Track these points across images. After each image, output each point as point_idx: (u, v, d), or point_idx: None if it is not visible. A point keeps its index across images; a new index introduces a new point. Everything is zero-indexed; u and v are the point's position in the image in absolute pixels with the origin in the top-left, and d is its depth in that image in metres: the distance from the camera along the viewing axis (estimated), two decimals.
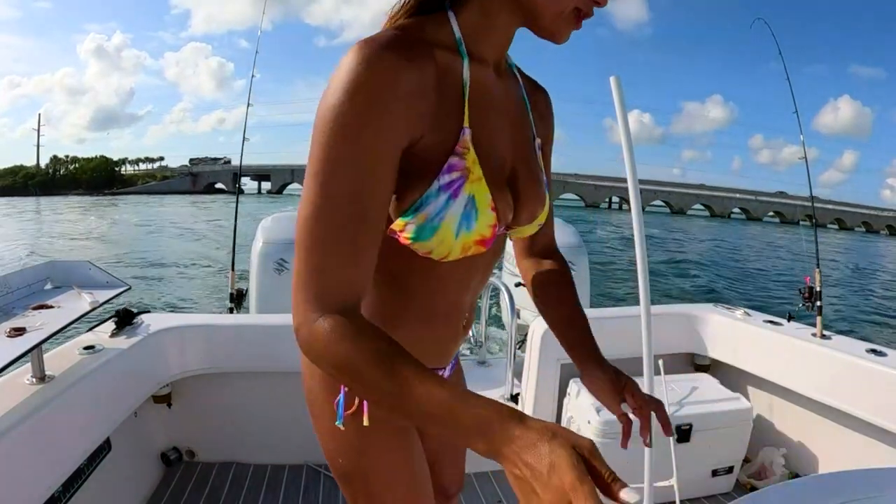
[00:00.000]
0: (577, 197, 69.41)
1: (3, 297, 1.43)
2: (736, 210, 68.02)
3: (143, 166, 77.12)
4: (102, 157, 74.04)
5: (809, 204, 2.61)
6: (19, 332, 1.24)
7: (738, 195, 70.08)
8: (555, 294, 0.89)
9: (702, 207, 69.49)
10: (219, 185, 66.00)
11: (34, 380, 1.34)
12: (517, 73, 0.74)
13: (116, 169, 72.85)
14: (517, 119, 0.69)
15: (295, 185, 73.87)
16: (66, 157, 71.57)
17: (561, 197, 66.48)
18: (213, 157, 77.89)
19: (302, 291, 0.52)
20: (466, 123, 0.57)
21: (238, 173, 2.69)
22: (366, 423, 0.71)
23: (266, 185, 75.44)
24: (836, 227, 59.09)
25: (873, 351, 1.79)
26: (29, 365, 1.35)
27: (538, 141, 0.74)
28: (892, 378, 1.64)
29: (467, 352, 3.07)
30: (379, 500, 0.75)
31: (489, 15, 0.60)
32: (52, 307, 1.44)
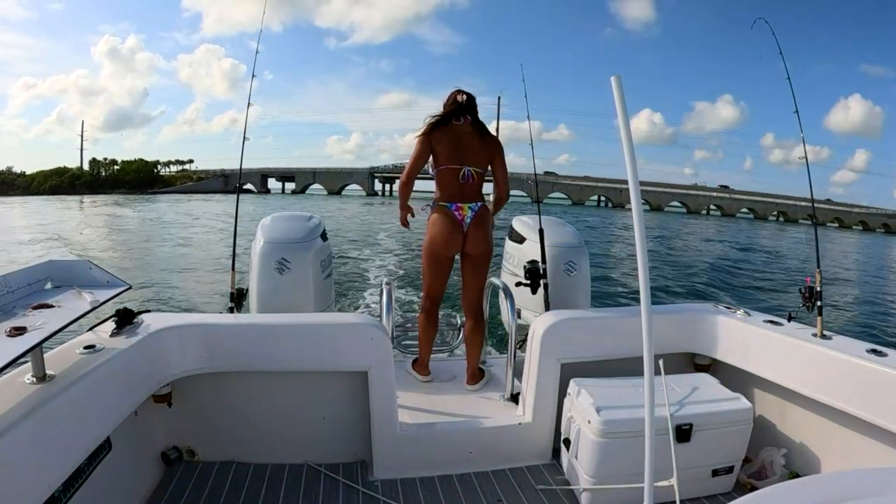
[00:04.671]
0: (564, 195, 76.33)
1: (3, 296, 1.43)
2: (712, 207, 73.29)
3: (173, 168, 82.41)
4: (141, 159, 79.20)
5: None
6: (19, 331, 1.24)
7: (714, 192, 75.81)
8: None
9: (679, 204, 74.94)
10: (248, 186, 73.49)
11: (34, 379, 1.34)
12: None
13: (156, 170, 77.86)
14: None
15: (316, 186, 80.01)
16: (105, 159, 76.92)
17: (550, 196, 72.37)
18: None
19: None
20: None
21: (239, 172, 2.68)
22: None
23: (290, 186, 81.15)
24: (808, 222, 61.17)
25: (874, 351, 1.79)
26: (29, 364, 1.35)
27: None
28: (892, 378, 1.64)
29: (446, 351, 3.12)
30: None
31: None
32: (52, 306, 1.44)
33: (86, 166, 73.78)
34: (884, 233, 60.39)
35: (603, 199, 76.81)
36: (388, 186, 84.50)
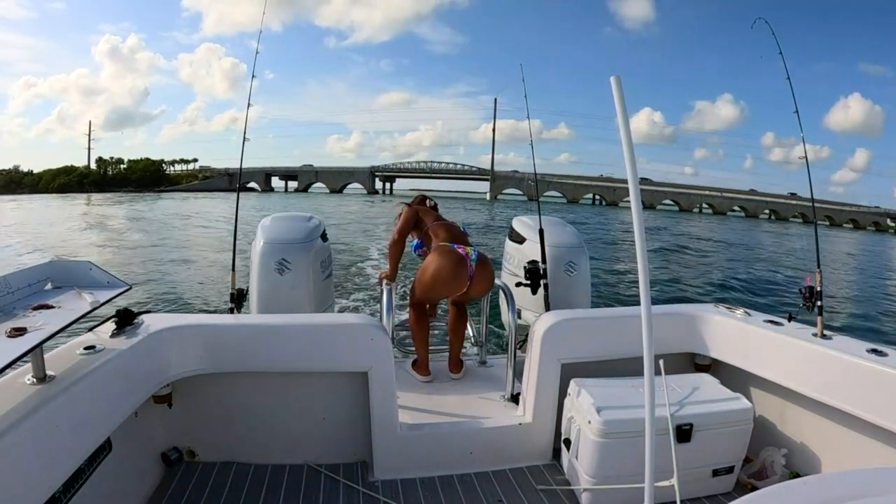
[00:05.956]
0: (559, 194, 79.04)
1: (3, 297, 1.44)
2: (704, 205, 76.29)
3: (178, 167, 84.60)
4: (147, 158, 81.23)
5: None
6: (20, 332, 1.24)
7: (706, 192, 78.75)
8: None
9: (671, 203, 77.68)
10: (251, 185, 77.10)
11: (34, 380, 1.34)
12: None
13: (162, 169, 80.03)
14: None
15: (319, 185, 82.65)
16: (111, 158, 78.65)
17: (545, 194, 74.22)
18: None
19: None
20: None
21: (239, 172, 2.68)
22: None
23: (292, 185, 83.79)
24: (799, 220, 64.77)
25: (874, 351, 1.78)
26: (29, 365, 1.35)
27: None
28: (892, 378, 1.63)
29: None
30: None
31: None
32: (52, 307, 1.44)
33: (92, 165, 75.05)
34: (874, 231, 62.10)
35: (597, 197, 79.69)
36: (387, 185, 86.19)
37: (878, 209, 70.75)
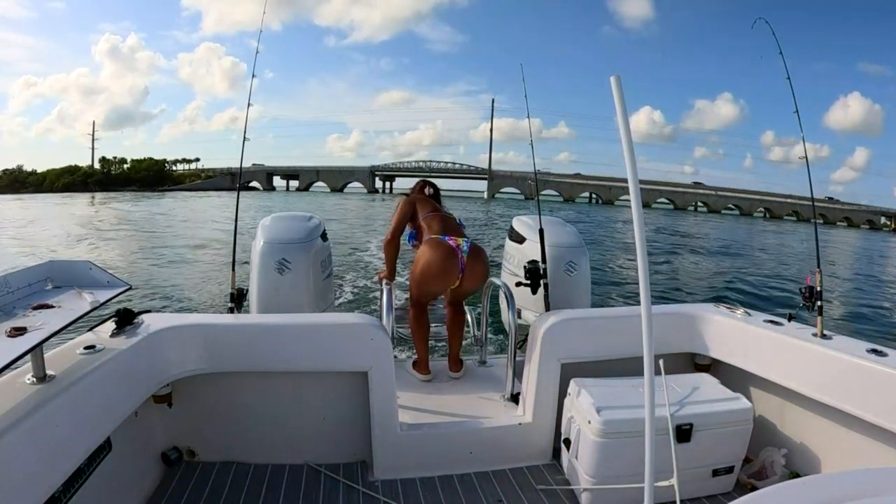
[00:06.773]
0: (556, 193, 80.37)
1: (3, 296, 1.44)
2: (699, 204, 78.93)
3: (180, 166, 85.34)
4: (150, 157, 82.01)
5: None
6: (20, 331, 1.24)
7: (701, 191, 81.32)
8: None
9: (666, 201, 79.67)
10: (253, 184, 78.56)
11: (34, 379, 1.35)
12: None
13: (165, 168, 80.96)
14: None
15: (320, 184, 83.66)
16: (115, 157, 79.33)
17: (543, 192, 75.05)
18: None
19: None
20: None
21: (239, 172, 2.68)
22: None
23: (294, 184, 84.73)
24: (794, 218, 66.12)
25: (874, 351, 1.79)
26: (29, 364, 1.35)
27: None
28: (892, 378, 1.63)
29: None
30: None
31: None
32: (52, 307, 1.44)
33: (96, 164, 75.42)
34: (868, 229, 63.05)
35: (594, 196, 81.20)
36: (387, 184, 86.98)
37: (871, 208, 72.31)
